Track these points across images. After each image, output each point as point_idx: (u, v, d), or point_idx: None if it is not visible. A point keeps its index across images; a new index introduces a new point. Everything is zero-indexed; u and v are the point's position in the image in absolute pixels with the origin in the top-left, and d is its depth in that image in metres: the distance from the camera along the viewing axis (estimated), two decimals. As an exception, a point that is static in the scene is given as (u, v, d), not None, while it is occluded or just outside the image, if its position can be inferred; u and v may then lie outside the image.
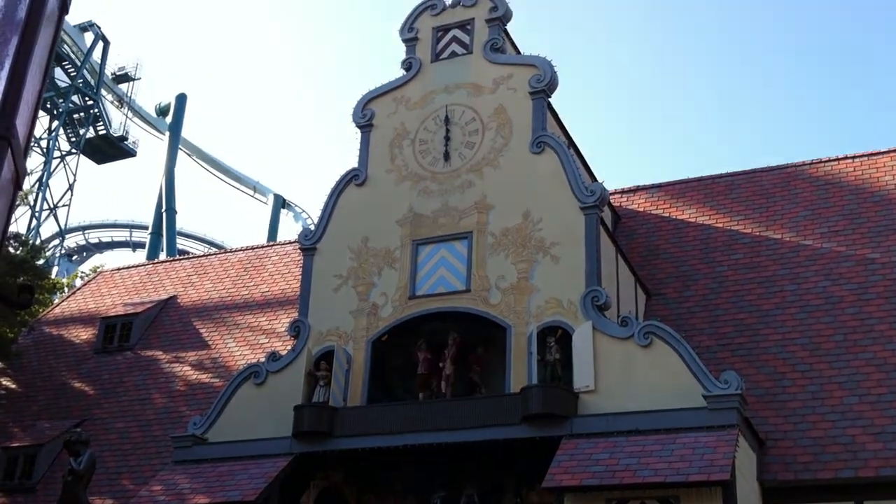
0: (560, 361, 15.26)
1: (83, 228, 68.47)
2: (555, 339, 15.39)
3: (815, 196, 20.17)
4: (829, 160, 21.07)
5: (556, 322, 15.57)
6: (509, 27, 19.04)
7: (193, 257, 29.94)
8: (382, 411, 16.15)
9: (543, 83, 17.49)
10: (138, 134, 67.43)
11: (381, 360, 16.94)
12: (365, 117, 18.89)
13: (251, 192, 71.86)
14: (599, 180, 18.56)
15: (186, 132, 68.51)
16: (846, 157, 20.96)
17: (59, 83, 60.38)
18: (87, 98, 62.25)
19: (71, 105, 61.65)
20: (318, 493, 16.84)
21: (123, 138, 64.44)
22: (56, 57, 57.03)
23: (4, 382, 24.24)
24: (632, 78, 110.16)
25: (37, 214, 59.69)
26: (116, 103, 65.65)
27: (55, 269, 51.26)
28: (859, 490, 14.22)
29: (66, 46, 59.56)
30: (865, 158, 20.71)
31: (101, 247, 70.16)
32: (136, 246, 68.43)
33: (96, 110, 62.70)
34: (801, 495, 14.52)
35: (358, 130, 18.95)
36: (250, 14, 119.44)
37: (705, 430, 13.73)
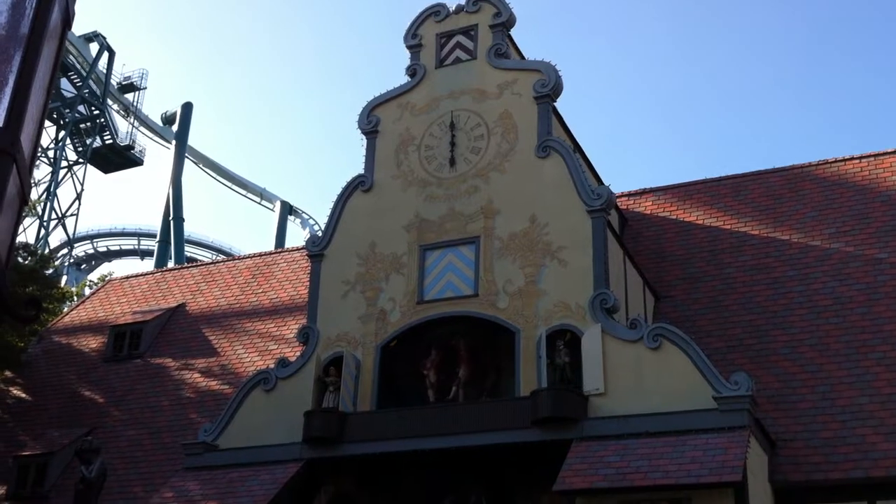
0: (569, 365, 15.27)
1: (91, 237, 68.66)
2: (564, 342, 15.40)
3: (823, 197, 20.13)
4: (836, 161, 21.02)
5: (565, 325, 15.58)
6: (513, 32, 19.07)
7: (202, 265, 30.00)
8: (392, 416, 16.16)
9: (548, 88, 17.51)
10: (145, 143, 67.49)
11: (389, 365, 16.96)
12: (370, 123, 18.93)
13: (258, 199, 72.08)
14: (606, 183, 18.56)
15: (193, 140, 68.81)
16: (853, 158, 20.91)
17: (65, 93, 60.60)
18: (93, 108, 62.45)
19: (77, 115, 61.85)
20: (329, 498, 16.86)
21: (130, 147, 64.62)
22: (62, 67, 57.35)
23: (15, 392, 24.32)
24: (637, 80, 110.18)
25: (45, 224, 59.88)
26: (122, 112, 65.86)
27: (64, 279, 51.43)
28: (871, 490, 14.20)
29: (71, 57, 59.76)
30: (872, 158, 20.66)
31: (110, 255, 70.34)
32: (145, 254, 68.59)
33: (102, 120, 62.90)
34: (812, 496, 14.50)
35: (364, 137, 19.00)
36: (255, 22, 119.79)
37: (716, 432, 13.71)
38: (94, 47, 63.29)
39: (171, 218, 63.39)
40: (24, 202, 3.28)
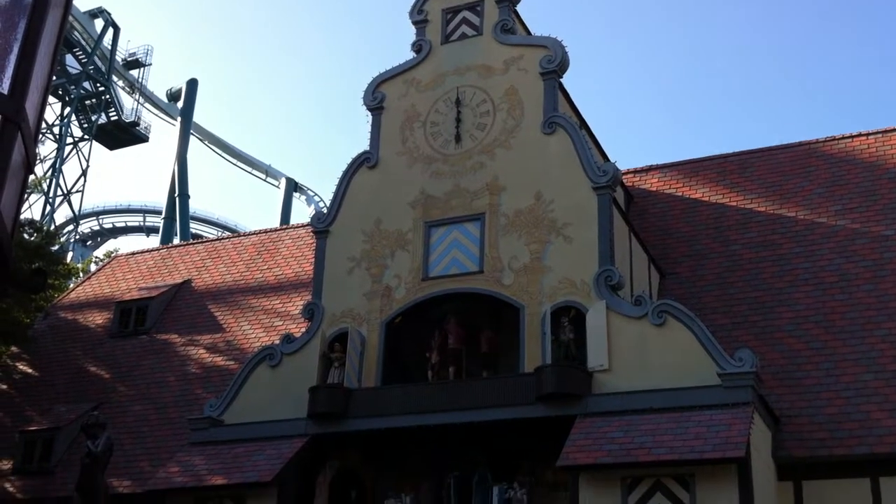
0: (574, 341, 15.29)
1: (97, 214, 68.72)
2: (568, 318, 15.41)
3: (830, 174, 20.05)
4: (844, 137, 20.93)
5: (570, 302, 15.58)
6: (519, 8, 18.94)
7: (207, 241, 30.02)
8: (397, 392, 16.21)
9: (554, 64, 17.43)
10: (150, 119, 67.43)
11: (394, 341, 17.00)
12: (376, 100, 18.87)
13: (263, 176, 72.06)
14: (612, 160, 18.51)
15: (198, 117, 68.74)
16: (861, 134, 20.82)
17: (71, 70, 60.48)
18: (98, 84, 62.34)
19: (82, 91, 61.74)
20: (334, 473, 16.94)
21: (135, 124, 64.54)
22: (66, 43, 57.24)
23: (21, 367, 24.41)
24: (643, 57, 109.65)
25: (51, 200, 59.93)
26: (128, 89, 65.73)
27: (70, 255, 51.51)
28: (874, 466, 14.23)
29: (76, 33, 59.59)
30: (880, 135, 20.56)
31: (115, 232, 70.42)
32: (150, 231, 68.73)
33: (108, 96, 62.79)
34: (816, 472, 14.54)
35: (369, 113, 18.94)
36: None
37: (720, 408, 13.75)
38: (98, 23, 63.09)
39: (176, 194, 63.40)
40: (30, 171, 3.26)
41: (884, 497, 14.02)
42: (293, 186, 69.19)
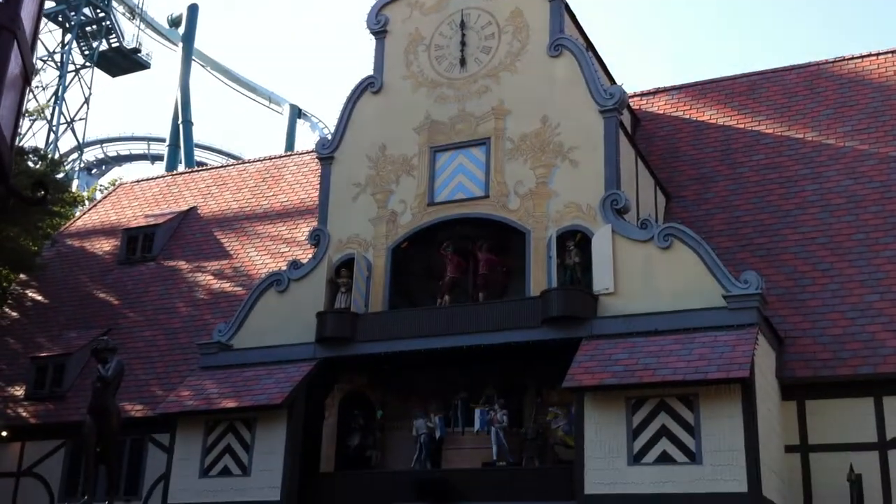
0: (580, 265, 15.33)
1: (101, 142, 68.40)
2: (574, 242, 15.43)
3: (839, 95, 19.85)
4: (853, 58, 20.67)
5: (576, 226, 15.58)
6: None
7: (212, 168, 29.97)
8: (403, 316, 16.32)
9: (561, -17, 17.11)
10: (151, 46, 66.73)
11: (400, 266, 17.05)
12: (379, 23, 18.61)
13: (266, 103, 71.51)
14: (618, 83, 18.31)
15: (199, 43, 68.05)
16: (870, 55, 20.55)
17: (70, -5, 59.61)
18: (98, 10, 61.49)
19: (83, 17, 60.95)
20: (343, 396, 17.17)
21: (136, 50, 63.82)
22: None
23: (30, 294, 24.61)
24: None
25: (54, 128, 59.58)
26: (128, 15, 64.87)
27: (75, 183, 51.45)
28: (878, 386, 14.39)
29: (74, -43, 58.59)
30: (890, 55, 20.29)
31: (120, 160, 70.22)
32: (155, 158, 68.48)
33: (108, 22, 61.98)
34: (819, 392, 14.71)
35: (373, 37, 18.70)
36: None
37: (725, 330, 13.83)
38: (97, -53, 61.94)
39: (179, 122, 63.07)
40: (28, 82, 3.20)
41: (887, 417, 14.20)
42: (297, 113, 68.76)
